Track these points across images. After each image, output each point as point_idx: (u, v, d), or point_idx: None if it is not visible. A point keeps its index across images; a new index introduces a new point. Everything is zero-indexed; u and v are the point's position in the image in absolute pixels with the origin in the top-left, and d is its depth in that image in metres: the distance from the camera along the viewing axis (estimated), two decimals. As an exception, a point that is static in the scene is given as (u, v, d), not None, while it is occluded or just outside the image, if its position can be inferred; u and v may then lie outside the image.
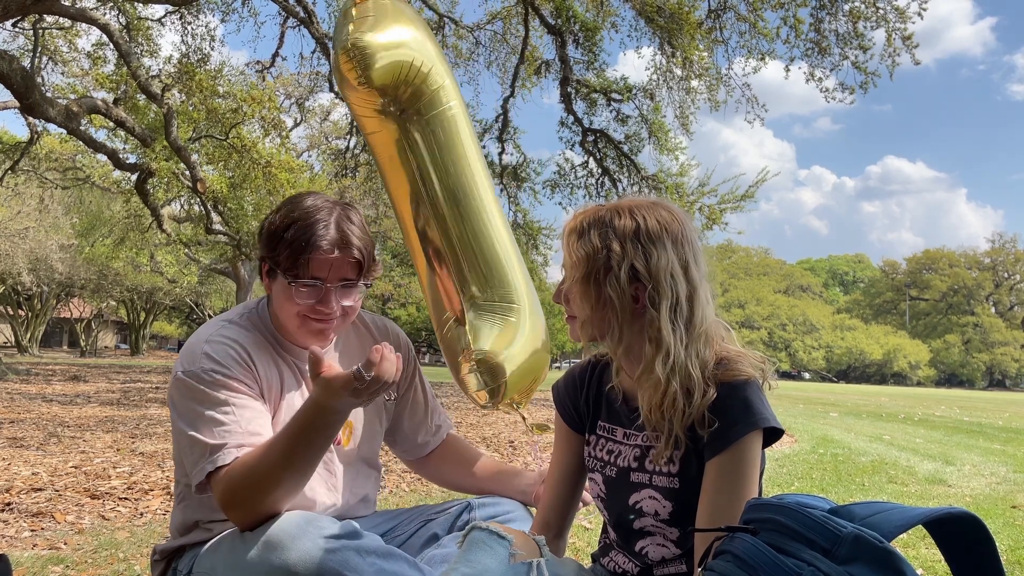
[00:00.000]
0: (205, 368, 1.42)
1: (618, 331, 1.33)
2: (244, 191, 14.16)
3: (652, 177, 13.19)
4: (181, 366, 1.45)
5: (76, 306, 40.23)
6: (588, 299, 1.34)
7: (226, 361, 1.43)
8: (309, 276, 1.45)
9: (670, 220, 1.33)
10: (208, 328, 1.52)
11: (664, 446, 1.34)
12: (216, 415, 1.38)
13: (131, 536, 2.96)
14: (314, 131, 25.53)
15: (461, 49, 14.35)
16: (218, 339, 1.47)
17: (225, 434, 1.36)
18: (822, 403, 17.35)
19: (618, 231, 1.31)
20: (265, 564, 1.23)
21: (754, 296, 70.54)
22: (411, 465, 1.91)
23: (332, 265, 1.45)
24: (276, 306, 1.54)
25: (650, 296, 1.29)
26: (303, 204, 1.49)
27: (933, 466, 5.99)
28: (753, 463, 1.28)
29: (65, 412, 7.93)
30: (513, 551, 1.25)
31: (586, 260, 1.33)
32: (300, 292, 1.45)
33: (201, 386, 1.40)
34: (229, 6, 12.56)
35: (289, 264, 1.44)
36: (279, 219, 1.49)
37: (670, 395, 1.30)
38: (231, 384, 1.42)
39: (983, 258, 76.38)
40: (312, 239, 1.43)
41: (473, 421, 8.65)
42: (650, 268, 1.29)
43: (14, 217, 23.34)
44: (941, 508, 0.98)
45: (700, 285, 1.33)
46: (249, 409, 1.42)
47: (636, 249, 1.30)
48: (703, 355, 1.31)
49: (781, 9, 10.85)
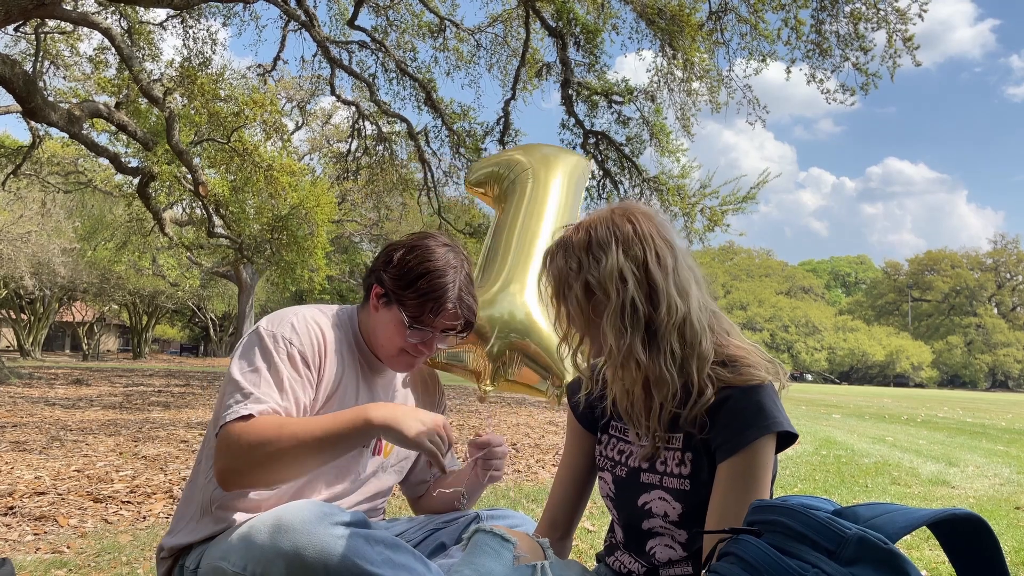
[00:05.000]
0: (285, 335, 1.52)
1: (588, 341, 1.39)
2: (246, 194, 14.18)
3: (653, 179, 13.20)
4: (265, 323, 1.55)
5: (78, 310, 40.27)
6: (561, 320, 1.41)
7: (305, 339, 1.53)
8: (428, 325, 1.58)
9: (622, 223, 1.34)
10: (302, 307, 1.62)
11: (650, 446, 1.36)
12: (270, 377, 1.46)
13: (134, 540, 2.96)
14: (315, 134, 25.61)
15: (462, 52, 14.38)
16: (306, 318, 1.58)
17: (267, 396, 1.44)
18: (825, 404, 17.32)
19: (575, 248, 1.36)
20: (275, 548, 1.25)
21: (756, 298, 70.43)
22: (411, 504, 1.95)
23: (451, 321, 1.60)
24: (377, 328, 1.63)
25: (599, 301, 1.32)
26: (437, 255, 1.60)
27: (936, 467, 5.98)
28: (765, 467, 1.27)
29: (68, 416, 7.94)
30: (517, 554, 1.25)
31: (555, 282, 1.39)
32: (414, 334, 1.58)
33: (272, 348, 1.49)
34: (230, 10, 12.60)
35: (414, 310, 1.57)
36: (413, 261, 1.59)
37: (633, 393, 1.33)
38: (296, 362, 1.50)
39: (985, 259, 76.22)
40: (443, 299, 1.57)
41: (475, 424, 8.65)
42: (600, 277, 1.31)
43: (16, 221, 23.37)
44: (945, 509, 0.98)
45: (667, 281, 1.31)
46: (296, 392, 1.49)
47: (589, 260, 1.33)
48: (683, 352, 1.30)
49: (782, 11, 10.86)
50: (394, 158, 15.79)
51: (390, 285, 1.59)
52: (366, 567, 1.23)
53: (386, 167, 15.73)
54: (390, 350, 1.62)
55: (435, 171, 15.26)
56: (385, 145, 15.69)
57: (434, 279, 1.56)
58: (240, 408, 1.40)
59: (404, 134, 15.15)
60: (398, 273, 1.59)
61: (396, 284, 1.58)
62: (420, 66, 13.99)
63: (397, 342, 1.60)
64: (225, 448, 1.38)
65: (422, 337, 1.59)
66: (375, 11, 13.68)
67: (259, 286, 28.08)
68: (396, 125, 15.29)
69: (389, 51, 13.49)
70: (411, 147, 15.16)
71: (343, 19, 13.59)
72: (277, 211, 15.38)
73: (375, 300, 1.62)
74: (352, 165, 16.56)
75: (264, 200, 14.66)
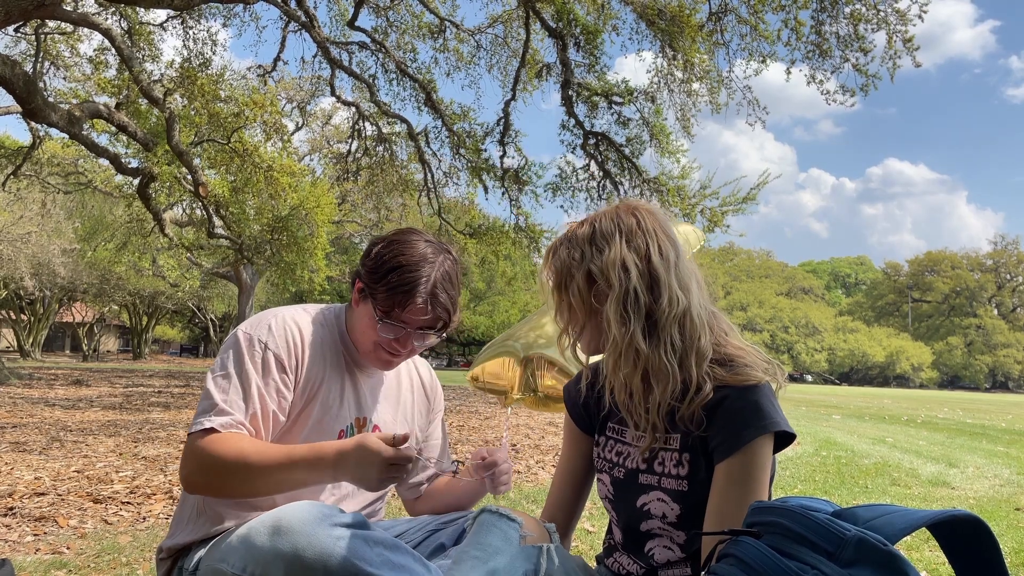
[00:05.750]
0: (261, 338, 1.54)
1: (587, 332, 1.38)
2: (246, 195, 14.16)
3: (653, 180, 13.19)
4: (245, 325, 1.58)
5: (78, 310, 40.27)
6: (563, 312, 1.41)
7: (280, 340, 1.54)
8: (397, 320, 1.55)
9: (626, 216, 1.36)
10: (285, 308, 1.64)
11: (649, 438, 1.36)
12: (239, 384, 1.48)
13: (134, 540, 2.95)
14: (316, 135, 25.58)
15: (462, 53, 14.37)
16: (284, 319, 1.59)
17: (233, 406, 1.46)
18: (825, 405, 17.32)
19: (579, 240, 1.37)
20: (274, 550, 1.25)
21: (756, 299, 70.38)
22: (407, 505, 1.94)
23: (419, 316, 1.57)
24: (356, 324, 1.63)
25: (601, 290, 1.33)
26: (413, 249, 1.57)
27: (936, 468, 5.98)
28: (763, 467, 1.27)
29: (67, 416, 7.93)
30: (523, 533, 1.25)
31: (556, 274, 1.39)
32: (384, 328, 1.56)
33: (245, 352, 1.51)
34: (230, 11, 12.60)
35: (383, 303, 1.55)
36: (388, 255, 1.57)
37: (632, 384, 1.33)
38: (270, 367, 1.52)
39: (985, 260, 76.19)
40: (412, 293, 1.53)
41: (475, 424, 8.65)
42: (602, 265, 1.32)
43: (16, 222, 23.38)
44: (945, 510, 0.98)
45: (669, 274, 1.32)
46: (265, 401, 1.51)
47: (592, 251, 1.34)
48: (683, 345, 1.31)
49: (782, 11, 10.85)
50: (394, 159, 15.79)
51: (365, 278, 1.59)
52: (365, 568, 1.23)
53: (386, 168, 15.72)
54: (366, 345, 1.62)
55: (435, 172, 15.26)
56: (385, 146, 15.68)
57: (405, 273, 1.53)
58: (205, 420, 1.44)
59: (404, 135, 15.15)
60: (373, 266, 1.58)
61: (370, 277, 1.57)
62: (420, 67, 13.98)
63: (371, 336, 1.59)
64: (189, 457, 1.44)
65: (395, 333, 1.57)
66: (375, 12, 13.68)
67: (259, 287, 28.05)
68: (396, 126, 15.29)
69: (389, 52, 13.49)
70: (411, 148, 15.16)
71: (343, 20, 13.59)
72: (277, 212, 15.37)
73: (356, 295, 1.62)
74: (352, 166, 16.54)
75: (264, 201, 14.65)
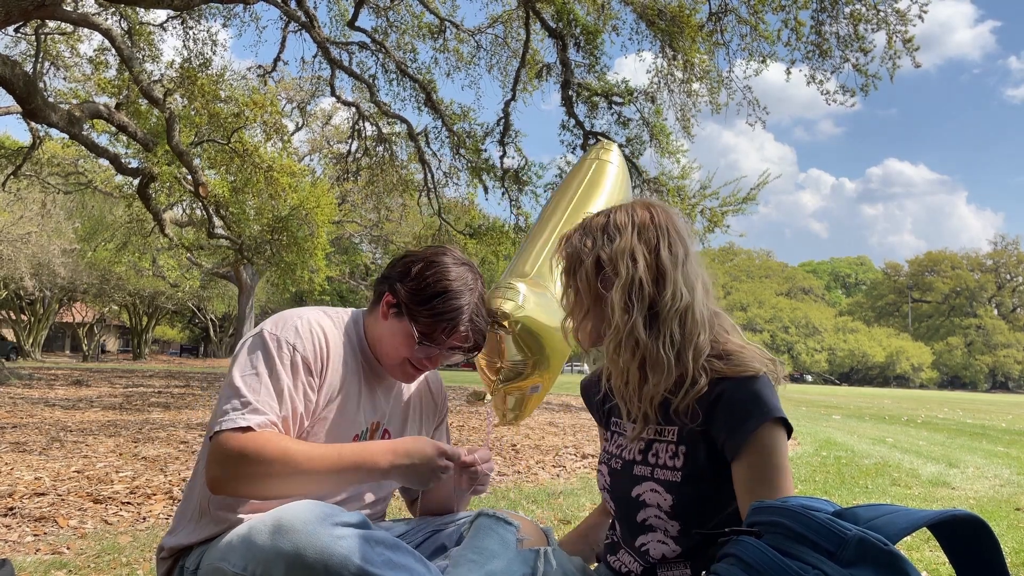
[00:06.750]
0: (289, 339, 1.51)
1: (591, 318, 1.41)
2: (246, 195, 14.18)
3: (654, 180, 13.20)
4: (270, 325, 1.54)
5: (78, 311, 40.28)
6: (569, 297, 1.45)
7: (308, 343, 1.52)
8: (437, 344, 1.58)
9: (640, 211, 1.40)
10: (306, 309, 1.61)
11: (640, 426, 1.38)
12: (271, 384, 1.45)
13: (134, 540, 2.95)
14: (316, 135, 25.61)
15: (462, 53, 14.39)
16: (310, 322, 1.57)
17: (265, 406, 1.43)
18: (825, 405, 17.32)
19: (593, 228, 1.41)
20: (275, 549, 1.24)
21: (756, 299, 70.37)
22: (409, 506, 1.94)
23: (462, 343, 1.61)
24: (384, 337, 1.62)
25: (607, 277, 1.36)
26: (454, 275, 1.59)
27: (937, 468, 5.98)
28: (781, 452, 1.28)
29: (67, 416, 7.94)
30: (520, 536, 1.25)
31: (567, 259, 1.44)
32: (421, 349, 1.59)
33: (275, 352, 1.48)
34: (231, 11, 12.61)
35: (426, 327, 1.57)
36: (431, 278, 1.58)
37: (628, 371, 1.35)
38: (298, 369, 1.49)
39: (985, 260, 76.16)
40: (456, 321, 1.57)
41: (475, 425, 8.65)
42: (611, 253, 1.36)
43: (16, 222, 23.40)
44: (945, 510, 0.98)
45: (676, 270, 1.35)
46: (295, 402, 1.49)
47: (603, 239, 1.38)
48: (682, 340, 1.33)
49: (782, 12, 10.86)
50: (394, 159, 15.80)
51: (405, 298, 1.59)
52: (367, 568, 1.23)
53: (386, 168, 15.73)
54: (394, 359, 1.62)
55: (435, 172, 15.28)
56: (385, 146, 15.69)
57: (450, 299, 1.56)
58: (238, 418, 1.39)
59: (404, 135, 15.16)
60: (415, 288, 1.59)
61: (411, 299, 1.58)
62: (420, 67, 14.00)
63: (403, 353, 1.60)
64: (221, 457, 1.38)
65: (428, 353, 1.60)
66: (375, 12, 13.69)
67: (259, 287, 28.06)
68: (396, 126, 15.30)
69: (389, 52, 13.50)
70: (411, 148, 15.17)
71: (343, 20, 13.59)
72: (277, 212, 15.39)
73: (385, 308, 1.62)
74: (352, 166, 16.55)
75: (264, 201, 14.66)
